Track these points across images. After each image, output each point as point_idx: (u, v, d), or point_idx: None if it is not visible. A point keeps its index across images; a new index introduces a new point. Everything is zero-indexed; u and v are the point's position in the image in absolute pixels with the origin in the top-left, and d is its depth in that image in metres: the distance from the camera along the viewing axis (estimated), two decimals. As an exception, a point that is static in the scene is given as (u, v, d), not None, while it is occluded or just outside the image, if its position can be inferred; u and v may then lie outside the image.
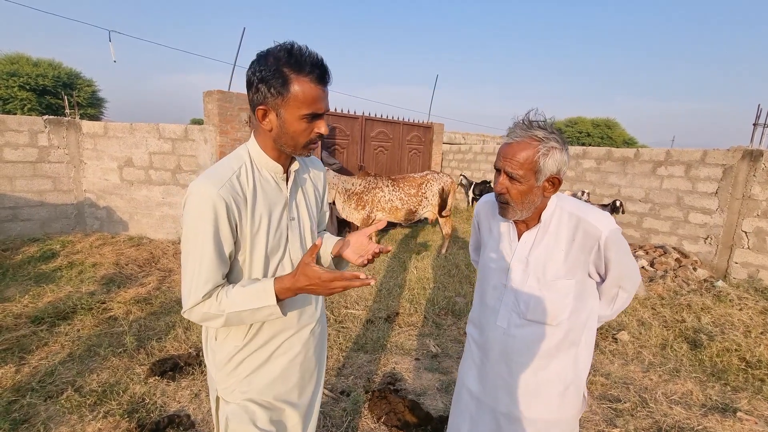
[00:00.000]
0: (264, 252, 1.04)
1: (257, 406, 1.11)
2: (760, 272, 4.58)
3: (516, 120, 1.11)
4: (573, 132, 22.51)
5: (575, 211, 1.14)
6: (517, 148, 1.07)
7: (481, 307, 1.32)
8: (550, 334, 1.17)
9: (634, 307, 3.74)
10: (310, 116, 0.96)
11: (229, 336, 1.09)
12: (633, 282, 1.18)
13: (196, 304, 0.96)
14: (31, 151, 5.11)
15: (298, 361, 1.17)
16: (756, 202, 4.61)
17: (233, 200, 0.96)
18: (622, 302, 1.22)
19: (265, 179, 1.06)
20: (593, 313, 1.22)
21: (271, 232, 1.05)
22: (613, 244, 1.10)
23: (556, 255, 1.14)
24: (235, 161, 1.03)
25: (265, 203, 1.04)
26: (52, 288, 3.67)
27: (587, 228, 1.11)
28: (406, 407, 2.25)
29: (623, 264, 1.13)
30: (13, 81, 12.83)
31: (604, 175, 6.19)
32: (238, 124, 5.24)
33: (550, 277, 1.14)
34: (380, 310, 3.63)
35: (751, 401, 2.48)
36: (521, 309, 1.18)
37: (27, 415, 2.10)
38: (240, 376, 1.11)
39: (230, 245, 0.99)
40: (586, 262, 1.13)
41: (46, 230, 5.25)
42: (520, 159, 1.06)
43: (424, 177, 5.52)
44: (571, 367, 1.20)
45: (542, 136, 1.06)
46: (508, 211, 1.15)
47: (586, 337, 1.21)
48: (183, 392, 2.35)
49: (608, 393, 2.53)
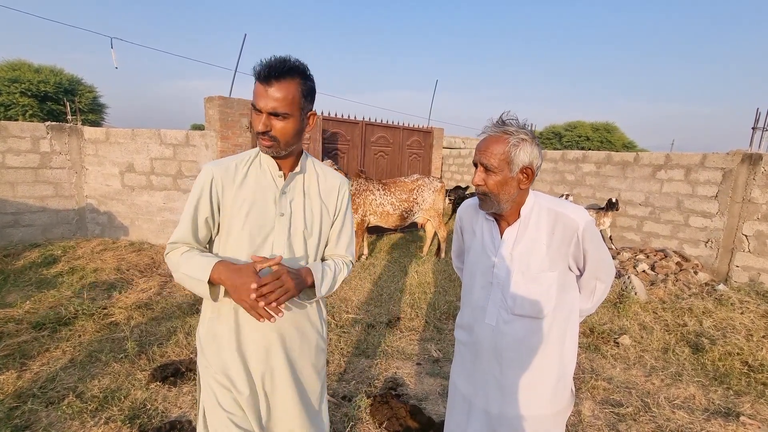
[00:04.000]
0: (241, 233, 1.13)
1: (218, 385, 1.16)
2: (761, 276, 4.58)
3: (490, 120, 1.21)
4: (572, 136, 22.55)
5: (553, 206, 1.21)
6: (491, 141, 1.16)
7: (468, 309, 1.35)
8: (537, 328, 1.22)
9: (636, 311, 3.74)
10: (254, 109, 1.07)
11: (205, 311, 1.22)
12: (609, 273, 1.25)
13: (167, 251, 1.15)
14: (33, 157, 5.13)
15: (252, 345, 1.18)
16: (756, 205, 4.62)
17: (221, 177, 1.14)
18: (600, 294, 1.29)
19: (263, 171, 1.18)
20: (575, 307, 1.27)
21: (251, 218, 1.13)
22: (590, 234, 1.18)
23: (538, 248, 1.20)
24: (243, 154, 1.20)
25: (253, 190, 1.15)
26: (54, 293, 3.67)
27: (565, 221, 1.18)
28: (408, 412, 2.25)
29: (599, 254, 1.21)
30: (15, 87, 12.87)
31: (604, 179, 6.20)
32: (239, 129, 5.26)
33: (534, 270, 1.19)
34: (381, 314, 3.62)
35: (754, 405, 2.48)
36: (509, 304, 1.22)
37: (28, 421, 2.10)
38: (203, 343, 1.20)
39: (207, 212, 1.14)
40: (566, 255, 1.20)
41: (47, 236, 5.26)
42: (494, 151, 1.15)
43: (415, 182, 5.49)
44: (558, 361, 1.24)
45: (513, 131, 1.15)
46: (487, 202, 1.20)
47: (570, 331, 1.26)
48: (184, 398, 2.35)
49: (610, 397, 2.53)
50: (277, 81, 1.03)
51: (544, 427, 1.24)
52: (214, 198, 1.14)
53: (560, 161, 6.83)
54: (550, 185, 6.90)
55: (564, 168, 6.78)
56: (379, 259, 5.51)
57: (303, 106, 1.10)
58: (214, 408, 1.17)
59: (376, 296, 4.05)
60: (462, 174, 9.32)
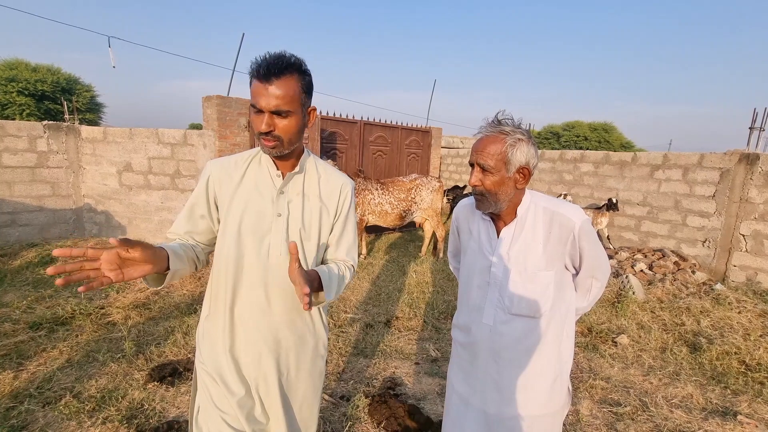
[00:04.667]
0: (237, 232, 1.12)
1: (213, 384, 1.16)
2: (758, 275, 4.59)
3: (486, 120, 1.20)
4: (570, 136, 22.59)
5: (549, 206, 1.21)
6: (487, 141, 1.15)
7: (465, 309, 1.34)
8: (534, 328, 1.22)
9: (634, 311, 3.75)
10: (254, 109, 1.05)
11: (203, 310, 1.22)
12: (604, 272, 1.26)
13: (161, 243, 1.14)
14: (30, 156, 5.11)
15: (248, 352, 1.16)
16: (753, 205, 4.63)
17: (219, 174, 1.15)
18: (596, 292, 1.29)
19: (261, 171, 1.17)
20: (571, 306, 1.28)
21: (247, 215, 1.13)
22: (586, 233, 1.18)
23: (535, 248, 1.20)
24: (245, 153, 1.20)
25: (251, 189, 1.14)
26: (51, 293, 3.66)
27: (562, 220, 1.18)
28: (407, 412, 2.24)
29: (595, 252, 1.21)
30: (12, 86, 12.83)
31: (602, 178, 6.21)
32: (238, 129, 5.25)
33: (531, 269, 1.19)
34: (380, 314, 3.62)
35: (752, 404, 2.48)
36: (506, 304, 1.22)
37: (25, 421, 2.09)
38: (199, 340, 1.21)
39: (203, 209, 1.16)
40: (562, 254, 1.20)
41: (44, 235, 5.24)
42: (491, 151, 1.14)
43: (414, 181, 5.49)
44: (555, 360, 1.24)
45: (509, 131, 1.14)
46: (484, 203, 1.20)
47: (567, 330, 1.26)
48: (182, 398, 2.34)
49: (609, 397, 2.53)
50: (277, 78, 1.00)
51: (542, 426, 1.24)
52: (210, 195, 1.15)
53: (558, 161, 6.84)
54: (549, 185, 6.91)
55: (562, 168, 6.79)
56: (378, 258, 5.50)
57: (303, 102, 1.08)
58: (208, 406, 1.16)
59: (375, 296, 4.05)
60: (460, 174, 9.32)
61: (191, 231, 1.17)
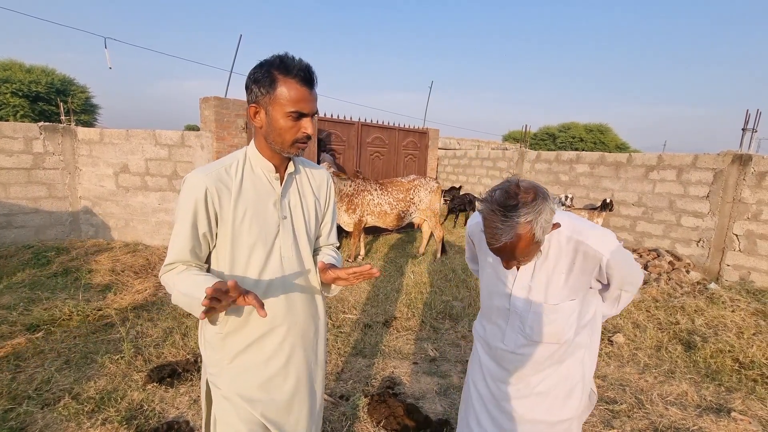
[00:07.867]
0: (248, 243, 1.09)
1: (239, 399, 1.12)
2: (751, 274, 4.65)
3: (485, 206, 1.01)
4: (566, 137, 22.73)
5: (573, 235, 1.11)
6: (512, 246, 0.99)
7: (487, 320, 1.32)
8: (557, 348, 1.20)
9: (629, 310, 3.78)
10: (295, 114, 1.02)
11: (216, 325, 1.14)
12: (635, 284, 1.21)
13: (163, 272, 1.08)
14: (26, 158, 5.08)
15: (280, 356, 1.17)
16: (746, 205, 4.69)
17: (215, 188, 1.05)
18: (626, 300, 1.25)
19: (257, 176, 1.12)
20: (597, 314, 1.25)
21: (256, 225, 1.09)
22: (616, 263, 1.10)
23: (557, 279, 1.14)
24: (229, 158, 1.13)
25: (252, 197, 1.10)
26: (47, 295, 3.64)
27: (587, 251, 1.10)
28: (405, 411, 2.26)
29: (626, 272, 1.15)
30: (6, 87, 12.75)
31: (598, 179, 6.26)
32: (235, 130, 5.25)
33: (553, 300, 1.15)
34: (378, 314, 3.64)
35: (745, 401, 2.52)
36: (527, 332, 1.19)
37: (24, 423, 2.08)
38: (229, 353, 1.12)
39: (205, 227, 1.06)
40: (587, 282, 1.15)
41: (40, 237, 5.21)
42: (521, 249, 1.01)
43: (412, 182, 5.52)
44: (578, 368, 1.23)
45: (526, 219, 0.96)
46: (516, 266, 1.15)
47: (592, 338, 1.24)
48: (182, 398, 2.35)
49: (605, 395, 2.56)
50: (316, 84, 1.05)
51: (561, 428, 1.24)
52: (211, 211, 1.06)
53: (554, 162, 6.89)
54: (545, 186, 6.95)
55: (558, 169, 6.84)
56: (376, 259, 5.52)
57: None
58: (231, 422, 1.14)
59: (373, 296, 4.06)
60: (457, 175, 9.36)
61: (194, 253, 1.08)
